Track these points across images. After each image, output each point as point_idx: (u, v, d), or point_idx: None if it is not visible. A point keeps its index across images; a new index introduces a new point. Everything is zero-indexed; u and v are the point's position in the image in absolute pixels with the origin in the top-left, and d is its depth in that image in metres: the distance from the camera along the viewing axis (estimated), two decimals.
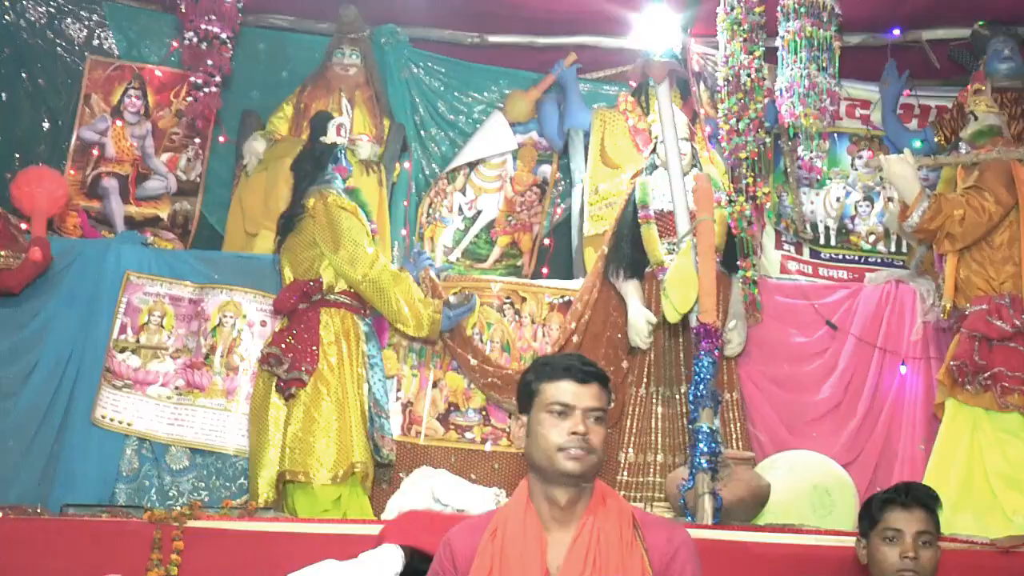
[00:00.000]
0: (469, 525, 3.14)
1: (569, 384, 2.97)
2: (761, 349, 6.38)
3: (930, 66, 7.42)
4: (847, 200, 7.19)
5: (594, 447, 2.92)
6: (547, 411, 2.96)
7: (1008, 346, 5.55)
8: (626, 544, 2.96)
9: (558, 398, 2.96)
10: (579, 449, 2.90)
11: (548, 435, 2.94)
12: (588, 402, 2.95)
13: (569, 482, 2.93)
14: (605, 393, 3.00)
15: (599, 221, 6.71)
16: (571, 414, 2.93)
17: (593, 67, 7.53)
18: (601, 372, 3.02)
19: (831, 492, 5.61)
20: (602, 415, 2.97)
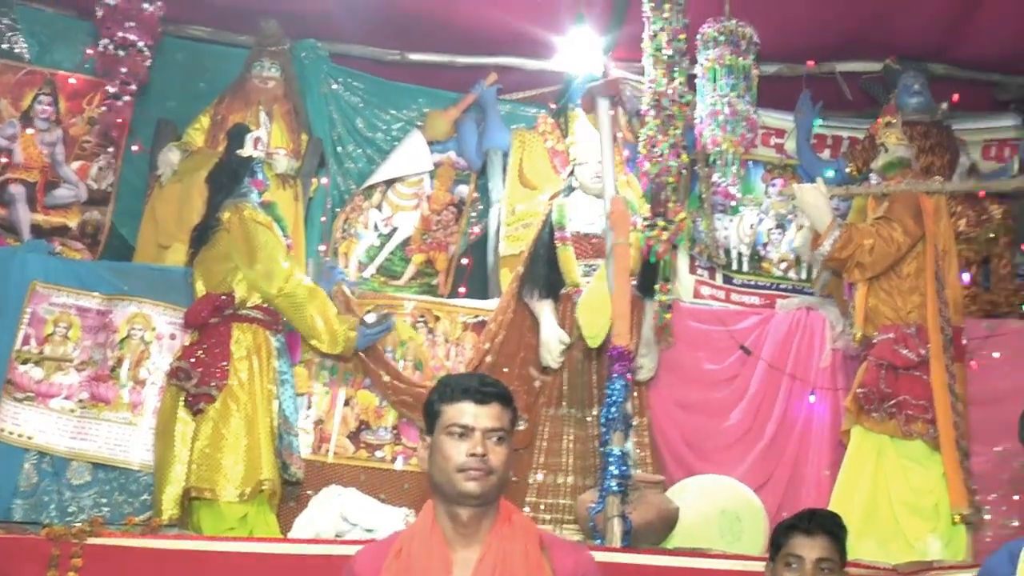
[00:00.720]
0: (373, 547, 3.11)
1: (468, 405, 2.94)
2: (672, 374, 6.42)
3: (843, 98, 7.53)
4: (760, 227, 7.26)
5: (494, 468, 2.90)
6: (447, 432, 2.94)
7: (913, 375, 5.64)
8: (533, 565, 2.94)
9: (457, 419, 2.94)
10: (477, 470, 2.88)
11: (448, 456, 2.92)
12: (487, 422, 2.92)
13: (470, 503, 2.91)
14: (508, 412, 2.98)
15: (515, 241, 6.72)
16: (470, 435, 2.91)
17: (513, 88, 7.54)
18: (503, 391, 2.99)
19: (740, 517, 5.66)
20: (503, 435, 2.94)
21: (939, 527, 5.48)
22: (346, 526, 5.38)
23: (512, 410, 3.01)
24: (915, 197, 5.89)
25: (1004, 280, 7.01)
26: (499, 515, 3.00)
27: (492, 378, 3.08)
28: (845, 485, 5.70)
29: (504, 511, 3.01)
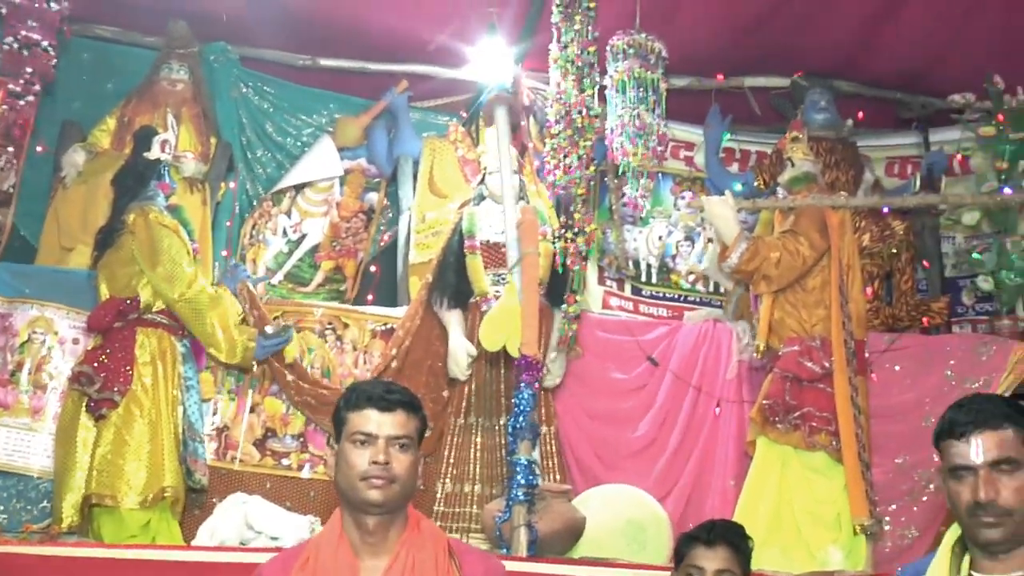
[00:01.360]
0: (281, 556, 3.08)
1: (372, 412, 2.93)
2: (580, 383, 6.44)
3: (752, 112, 7.63)
4: (669, 239, 7.32)
5: (397, 476, 2.88)
6: (351, 440, 2.93)
7: (817, 387, 5.71)
8: (442, 573, 2.93)
9: (360, 427, 2.92)
10: (380, 478, 2.87)
11: (351, 464, 2.90)
12: (391, 430, 2.91)
13: (374, 511, 2.89)
14: (414, 420, 2.96)
15: (425, 250, 6.70)
16: (373, 443, 2.89)
17: (425, 96, 7.52)
18: (409, 399, 2.98)
19: (645, 527, 5.69)
20: (408, 442, 2.92)
21: (840, 537, 5.55)
22: (251, 534, 5.31)
23: (420, 418, 3.00)
24: (820, 211, 5.97)
25: (906, 295, 7.15)
26: (407, 523, 2.98)
27: (399, 385, 3.06)
28: (750, 495, 5.76)
29: (412, 519, 3.00)
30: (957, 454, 2.69)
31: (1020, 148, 7.05)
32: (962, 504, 2.65)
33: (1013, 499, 2.60)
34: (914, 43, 7.22)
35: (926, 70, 7.48)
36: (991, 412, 2.70)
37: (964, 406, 2.75)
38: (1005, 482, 2.61)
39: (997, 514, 2.60)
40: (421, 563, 2.91)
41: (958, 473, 2.68)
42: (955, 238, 7.74)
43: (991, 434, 2.66)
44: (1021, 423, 2.69)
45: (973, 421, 2.69)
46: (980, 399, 2.80)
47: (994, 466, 2.63)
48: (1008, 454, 2.64)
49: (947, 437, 2.73)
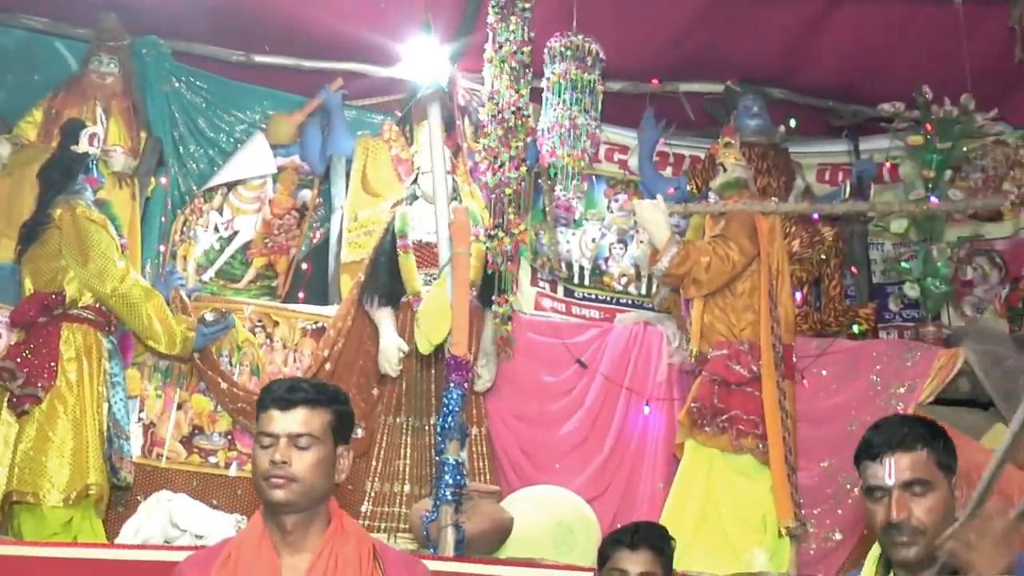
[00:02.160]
0: (201, 554, 3.06)
1: (273, 412, 2.92)
2: (511, 385, 6.44)
3: (686, 117, 7.68)
4: (602, 241, 7.35)
5: (296, 475, 2.85)
6: (257, 440, 2.92)
7: (745, 391, 5.75)
8: (365, 574, 2.92)
9: (263, 427, 2.92)
10: (279, 478, 2.85)
11: (255, 464, 2.91)
12: (291, 428, 2.89)
13: (280, 510, 2.87)
14: (320, 416, 2.93)
15: (357, 248, 6.65)
16: (275, 442, 2.88)
17: (360, 94, 7.47)
18: (313, 396, 2.95)
19: (574, 529, 5.70)
20: (310, 440, 2.90)
21: (766, 539, 5.60)
22: (176, 532, 5.25)
23: (334, 412, 2.97)
24: (751, 217, 6.01)
25: (834, 301, 7.22)
26: (330, 522, 2.96)
27: (311, 383, 3.04)
28: (677, 497, 5.79)
29: (336, 518, 2.98)
30: (872, 475, 2.74)
31: (947, 158, 7.17)
32: (878, 523, 2.71)
33: (926, 519, 2.65)
34: (846, 52, 7.32)
35: (857, 79, 7.57)
36: (905, 434, 2.76)
37: (881, 428, 2.81)
38: (918, 502, 2.67)
39: (910, 533, 2.65)
40: (344, 562, 2.90)
41: (873, 493, 2.74)
42: (883, 245, 7.86)
43: (904, 455, 2.71)
44: (935, 445, 2.75)
45: (887, 443, 2.75)
46: (897, 420, 2.86)
47: (906, 487, 2.68)
48: (920, 475, 2.69)
49: (864, 458, 2.79)
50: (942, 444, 2.78)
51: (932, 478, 2.70)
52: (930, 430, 2.80)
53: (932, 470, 2.71)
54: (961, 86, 7.02)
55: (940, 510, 2.68)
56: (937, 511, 2.67)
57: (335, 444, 2.97)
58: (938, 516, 2.67)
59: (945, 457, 2.76)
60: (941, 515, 2.67)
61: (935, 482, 2.70)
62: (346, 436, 3.03)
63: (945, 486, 2.72)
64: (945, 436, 2.81)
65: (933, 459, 2.73)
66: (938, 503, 2.68)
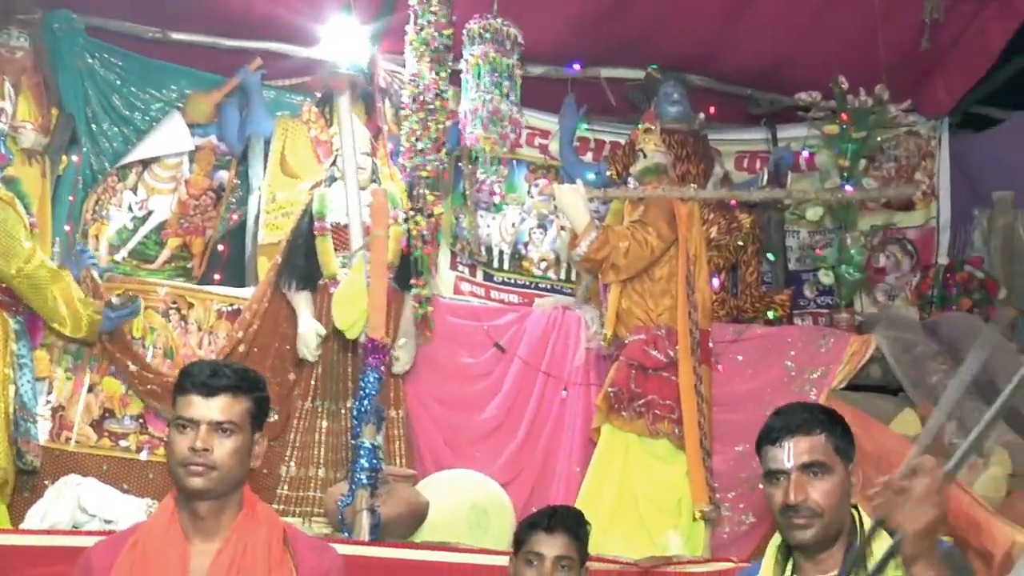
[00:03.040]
0: (110, 539, 3.02)
1: (194, 397, 2.88)
2: (429, 368, 6.41)
3: (607, 103, 7.69)
4: (522, 226, 7.35)
5: (217, 463, 2.83)
6: (175, 425, 2.89)
7: (662, 376, 5.80)
8: (275, 559, 2.90)
9: (183, 412, 2.88)
10: (198, 465, 2.82)
11: (172, 450, 2.87)
12: (213, 415, 2.86)
13: (197, 497, 2.84)
14: (242, 403, 2.91)
15: (275, 230, 6.60)
16: (195, 428, 2.85)
17: (279, 74, 7.37)
18: (235, 382, 2.92)
19: (488, 512, 5.71)
20: (232, 428, 2.87)
21: (680, 523, 5.65)
22: (84, 517, 5.16)
23: (253, 399, 2.95)
24: (670, 203, 6.05)
25: (751, 287, 7.29)
26: (242, 507, 2.94)
27: (233, 367, 3.00)
28: (593, 481, 5.82)
29: (248, 503, 2.96)
30: (772, 458, 2.81)
31: (861, 147, 7.27)
32: (776, 506, 2.77)
33: (823, 501, 2.72)
34: (765, 41, 7.39)
35: (776, 68, 7.65)
36: (805, 419, 2.83)
37: (781, 414, 2.88)
38: (815, 485, 2.74)
39: (807, 515, 2.72)
40: (253, 548, 2.88)
41: (773, 477, 2.80)
42: (799, 232, 7.96)
43: (803, 439, 2.78)
44: (833, 430, 2.83)
45: (787, 427, 2.82)
46: (797, 407, 2.93)
47: (804, 469, 2.75)
48: (818, 458, 2.77)
49: (765, 443, 2.85)
50: (840, 430, 2.86)
51: (830, 462, 2.77)
52: (829, 416, 2.88)
53: (830, 454, 2.78)
54: (876, 77, 7.12)
55: (837, 493, 2.75)
56: (834, 494, 2.74)
57: (253, 431, 2.95)
58: (834, 499, 2.73)
59: (843, 442, 2.83)
60: (837, 498, 2.74)
61: (832, 466, 2.77)
62: (262, 423, 3.01)
63: (842, 470, 2.79)
64: (843, 423, 2.89)
65: (831, 444, 2.80)
66: (835, 486, 2.75)
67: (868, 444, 5.61)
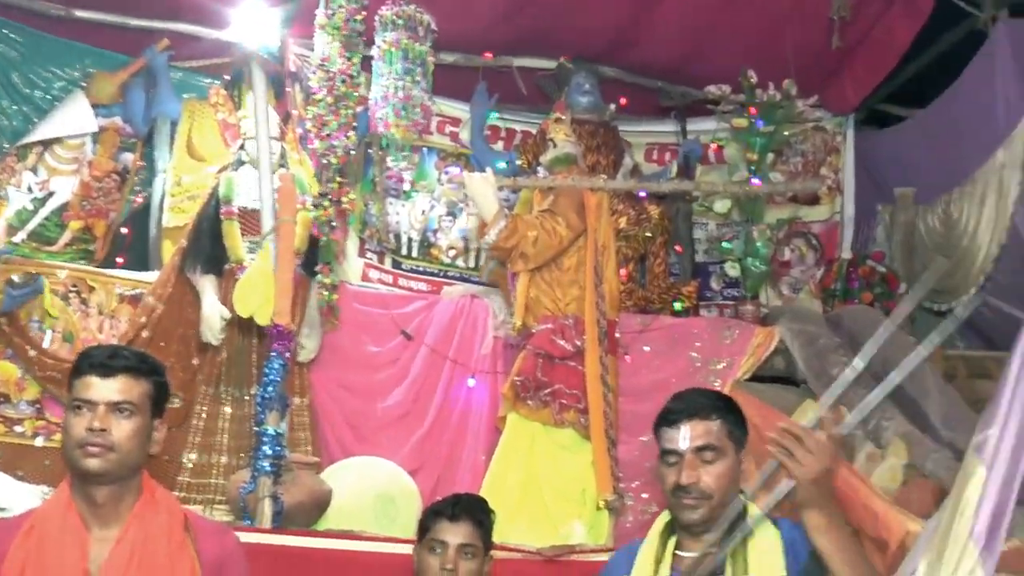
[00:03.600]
0: (3, 524, 2.97)
1: (92, 378, 2.85)
2: (335, 355, 6.38)
3: (518, 92, 7.69)
4: (431, 213, 7.33)
5: (115, 444, 2.80)
6: (72, 406, 2.85)
7: (568, 365, 5.82)
8: (176, 546, 2.88)
9: (80, 393, 2.84)
10: (96, 446, 2.78)
11: (69, 431, 2.83)
12: (111, 396, 2.83)
13: (94, 480, 2.80)
14: (141, 385, 2.88)
15: (180, 214, 6.50)
16: (93, 409, 2.81)
17: (187, 56, 7.25)
18: (134, 364, 2.89)
19: (395, 501, 5.70)
20: (131, 409, 2.84)
21: (585, 512, 5.68)
22: None
23: (153, 383, 2.91)
24: (579, 193, 6.07)
25: (658, 278, 7.35)
26: (142, 493, 2.90)
27: (132, 350, 2.98)
28: (498, 470, 5.82)
29: (148, 489, 2.93)
30: (669, 439, 2.89)
31: (769, 141, 7.37)
32: (668, 486, 2.86)
33: (713, 484, 2.82)
34: (675, 34, 7.44)
35: (686, 61, 7.71)
36: (702, 404, 2.93)
37: (680, 398, 2.96)
38: (707, 468, 2.83)
39: (697, 497, 2.81)
40: (154, 535, 2.85)
41: (667, 457, 2.88)
42: (707, 225, 8.03)
43: (699, 423, 2.87)
44: (729, 417, 2.91)
45: (685, 410, 2.90)
46: (696, 392, 3.02)
47: (698, 452, 2.84)
48: (712, 442, 2.86)
49: (662, 425, 2.93)
50: (734, 417, 2.95)
51: (723, 447, 2.85)
52: (725, 403, 2.96)
53: (723, 440, 2.86)
54: (784, 72, 7.22)
55: (727, 477, 2.83)
56: (724, 478, 2.83)
57: (152, 416, 2.92)
58: (724, 483, 2.82)
59: (736, 429, 2.91)
60: (727, 482, 2.83)
61: (725, 451, 2.85)
62: (162, 409, 2.98)
63: (734, 456, 2.87)
64: (738, 410, 2.98)
65: (725, 430, 2.88)
66: (726, 471, 2.84)
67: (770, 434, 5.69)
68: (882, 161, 8.45)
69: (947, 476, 5.06)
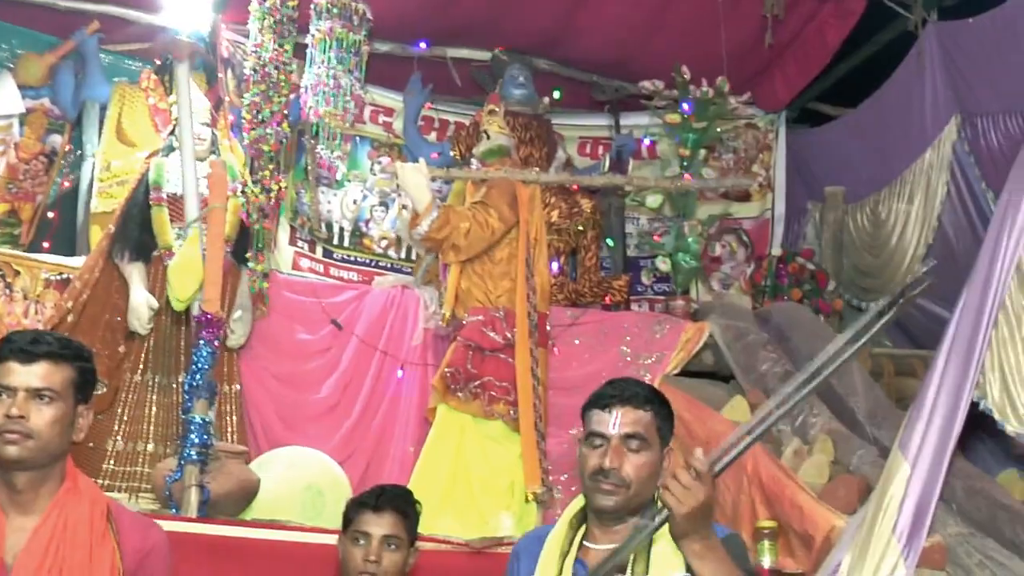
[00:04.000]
0: None
1: (12, 364, 2.78)
2: (264, 344, 6.34)
3: (453, 83, 7.69)
4: (363, 203, 7.31)
5: (34, 430, 2.74)
6: None
7: (499, 357, 5.80)
8: (97, 536, 2.82)
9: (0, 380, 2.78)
10: (14, 433, 2.73)
11: None
12: (32, 382, 2.77)
13: (12, 467, 2.75)
14: (63, 371, 2.82)
15: (109, 199, 6.44)
16: (12, 395, 2.76)
17: (118, 39, 7.17)
18: (57, 349, 2.82)
19: (323, 491, 5.65)
20: (52, 395, 2.78)
21: (513, 504, 5.67)
22: None
23: (76, 369, 2.85)
24: (512, 185, 6.06)
25: (589, 271, 7.38)
26: (63, 481, 2.85)
27: (55, 336, 2.91)
28: (428, 461, 5.80)
29: (70, 477, 2.87)
30: (598, 422, 2.88)
31: (701, 137, 7.42)
32: (588, 468, 2.85)
33: (633, 474, 2.81)
34: (611, 29, 7.47)
35: (621, 56, 7.75)
36: (636, 393, 2.92)
37: (615, 384, 2.95)
38: (630, 457, 2.83)
39: (616, 483, 2.80)
40: (74, 524, 2.80)
41: (593, 439, 2.88)
42: (639, 219, 8.09)
43: (631, 411, 2.86)
44: (660, 411, 2.92)
45: (618, 396, 2.89)
46: (632, 381, 3.01)
47: (625, 439, 2.83)
48: (640, 431, 2.85)
49: (593, 407, 2.92)
50: (666, 412, 2.95)
51: (650, 438, 2.86)
52: (658, 398, 2.96)
53: (652, 432, 2.87)
54: (718, 69, 7.27)
55: (648, 470, 2.84)
56: (645, 470, 2.83)
57: (75, 402, 2.86)
58: (644, 474, 2.82)
59: (665, 425, 2.92)
60: (647, 475, 2.83)
61: (651, 444, 2.86)
62: (87, 395, 2.92)
63: (658, 451, 2.88)
64: (669, 407, 2.98)
65: (655, 424, 2.88)
66: (648, 463, 2.84)
67: (699, 429, 5.74)
68: (813, 159, 8.55)
69: (872, 472, 5.12)
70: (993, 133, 6.67)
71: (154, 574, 2.91)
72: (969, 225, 7.05)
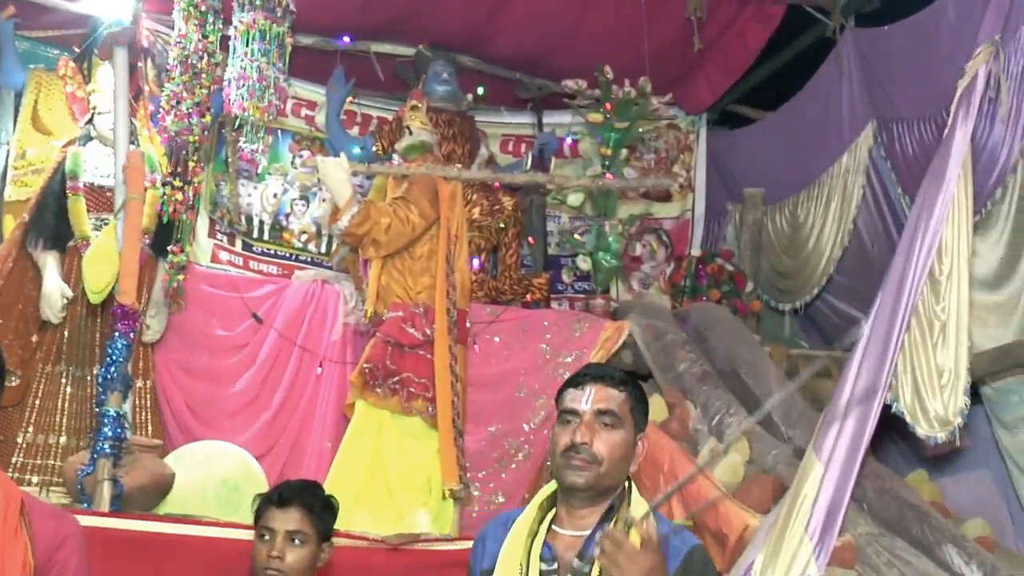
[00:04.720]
0: None
1: None
2: (181, 337, 6.28)
3: (376, 78, 7.66)
4: (284, 197, 7.27)
5: None
6: None
7: (418, 353, 5.80)
8: (9, 530, 2.78)
9: None
10: None
11: None
12: None
13: None
14: None
15: (23, 187, 6.31)
16: None
17: (35, 25, 7.04)
18: None
19: (240, 487, 5.60)
20: None
21: (430, 501, 5.68)
22: None
23: None
24: (433, 181, 6.06)
25: (510, 269, 7.40)
26: None
27: None
28: (345, 457, 5.79)
29: None
30: (571, 399, 2.85)
31: (623, 137, 7.48)
32: (560, 445, 2.81)
33: (605, 451, 2.77)
34: (534, 26, 7.50)
35: (544, 54, 7.78)
36: (612, 373, 2.90)
37: (591, 365, 2.94)
38: (602, 435, 2.79)
39: (587, 459, 2.77)
40: None
41: (565, 416, 2.84)
42: (560, 218, 8.12)
43: (604, 388, 2.84)
44: (634, 394, 2.89)
45: (592, 374, 2.87)
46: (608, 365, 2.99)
47: (598, 416, 2.80)
48: (613, 408, 2.81)
49: (568, 386, 2.88)
50: (640, 396, 2.92)
51: (623, 418, 2.82)
52: (636, 385, 2.93)
53: (625, 412, 2.83)
54: (640, 69, 7.32)
55: (620, 450, 2.80)
56: (617, 448, 2.79)
57: None
58: (616, 453, 2.79)
59: (639, 410, 2.89)
60: (619, 453, 2.80)
61: (624, 423, 2.82)
62: None
63: (632, 434, 2.84)
64: (646, 399, 2.95)
65: (629, 404, 2.85)
66: (620, 442, 2.81)
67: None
68: (733, 161, 8.65)
69: (787, 472, 5.19)
70: (908, 138, 6.78)
71: (67, 566, 2.86)
72: (884, 229, 7.16)
